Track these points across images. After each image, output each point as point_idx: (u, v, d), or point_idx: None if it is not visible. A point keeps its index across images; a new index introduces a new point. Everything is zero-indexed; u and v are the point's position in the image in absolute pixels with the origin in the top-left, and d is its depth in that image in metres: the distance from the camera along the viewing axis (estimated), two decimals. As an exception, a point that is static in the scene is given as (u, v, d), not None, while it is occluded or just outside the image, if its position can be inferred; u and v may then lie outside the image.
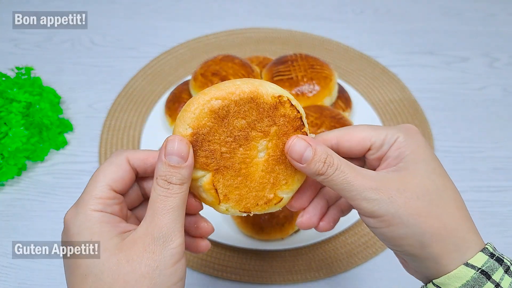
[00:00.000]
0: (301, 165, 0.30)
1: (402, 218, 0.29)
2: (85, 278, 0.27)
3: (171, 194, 0.28)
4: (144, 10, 0.98)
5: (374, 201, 0.29)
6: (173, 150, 0.28)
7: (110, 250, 0.27)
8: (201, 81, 0.64)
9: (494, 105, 0.78)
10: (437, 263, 0.29)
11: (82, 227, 0.28)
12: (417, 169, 0.30)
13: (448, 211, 0.30)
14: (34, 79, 0.73)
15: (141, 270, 0.26)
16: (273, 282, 0.54)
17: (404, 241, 0.29)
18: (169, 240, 0.27)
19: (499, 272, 0.29)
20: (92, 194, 0.29)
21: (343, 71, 0.83)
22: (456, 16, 0.98)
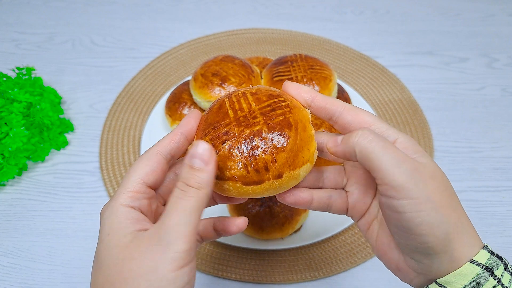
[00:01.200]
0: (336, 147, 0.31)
1: (434, 204, 0.27)
2: (99, 269, 0.28)
3: (185, 196, 0.27)
4: (144, 11, 0.98)
5: (412, 178, 0.27)
6: (196, 153, 0.28)
7: (120, 246, 0.27)
8: (201, 81, 0.64)
9: (493, 105, 0.78)
10: (452, 258, 0.29)
11: (106, 221, 0.29)
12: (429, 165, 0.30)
13: (460, 207, 0.30)
14: (35, 79, 0.73)
15: (140, 270, 0.26)
16: (273, 282, 0.55)
17: (431, 230, 0.27)
18: (174, 243, 0.26)
19: (501, 268, 0.29)
20: (125, 187, 0.30)
21: (343, 72, 0.83)
22: (455, 16, 0.98)
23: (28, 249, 0.57)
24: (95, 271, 0.28)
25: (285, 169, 0.31)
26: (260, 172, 0.30)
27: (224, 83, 0.62)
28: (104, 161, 0.67)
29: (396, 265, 0.32)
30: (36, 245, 0.58)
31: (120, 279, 0.26)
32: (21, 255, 0.56)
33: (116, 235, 0.28)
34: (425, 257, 0.29)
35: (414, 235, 0.28)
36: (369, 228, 0.35)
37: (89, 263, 0.56)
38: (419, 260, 0.30)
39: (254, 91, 0.34)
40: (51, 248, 0.57)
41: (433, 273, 0.30)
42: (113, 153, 0.69)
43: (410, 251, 0.30)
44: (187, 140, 0.34)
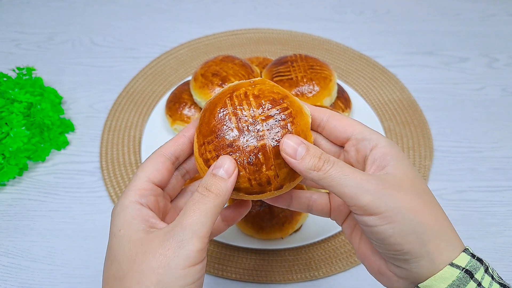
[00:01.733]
0: (295, 160, 0.30)
1: (403, 214, 0.28)
2: (111, 264, 0.29)
3: (205, 199, 0.29)
4: (144, 11, 0.98)
5: (374, 194, 0.28)
6: (221, 164, 0.30)
7: (133, 241, 0.28)
8: (201, 81, 0.64)
9: (493, 105, 0.78)
10: (432, 261, 0.29)
11: (117, 217, 0.30)
12: (406, 172, 0.31)
13: (436, 210, 0.30)
14: (35, 79, 0.73)
15: (152, 264, 0.27)
16: (273, 281, 0.55)
17: (404, 238, 0.28)
18: (188, 242, 0.27)
19: (481, 271, 0.29)
20: (133, 186, 0.31)
21: (343, 72, 0.83)
22: (455, 16, 0.98)
23: (28, 249, 0.57)
24: (107, 264, 0.29)
25: (286, 182, 0.33)
26: (263, 185, 0.32)
27: (224, 83, 0.62)
28: (104, 161, 0.67)
29: (378, 270, 0.33)
30: (36, 245, 0.58)
31: (131, 272, 0.27)
32: (21, 255, 0.57)
33: (128, 230, 0.29)
34: (403, 262, 0.30)
35: (388, 244, 0.29)
36: (353, 232, 0.36)
37: (89, 263, 0.56)
38: (399, 265, 0.31)
39: (256, 92, 0.33)
40: (51, 248, 0.57)
41: (414, 277, 0.30)
42: (113, 153, 0.69)
43: (389, 258, 0.31)
44: (190, 143, 0.35)
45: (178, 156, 0.35)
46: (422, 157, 0.69)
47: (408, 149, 0.70)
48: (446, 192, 0.65)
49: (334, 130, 0.34)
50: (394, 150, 0.32)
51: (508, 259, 0.57)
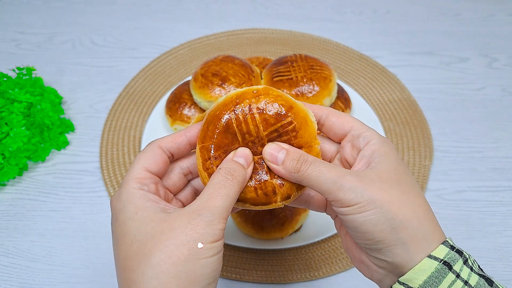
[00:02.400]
0: (277, 166, 0.33)
1: (376, 204, 0.30)
2: (131, 245, 0.29)
3: (229, 184, 0.31)
4: (144, 11, 0.98)
5: (350, 189, 0.30)
6: (242, 154, 0.33)
7: (156, 221, 0.29)
8: (201, 81, 0.64)
9: (493, 105, 0.78)
10: (406, 250, 0.30)
11: (126, 203, 0.31)
12: (389, 166, 0.32)
13: (417, 202, 0.31)
14: (35, 79, 0.73)
15: (182, 239, 0.28)
16: (273, 281, 0.55)
17: (376, 226, 0.30)
18: (216, 221, 0.29)
19: (459, 263, 0.30)
20: (131, 176, 0.32)
21: (343, 72, 0.83)
22: (455, 16, 0.98)
23: (28, 249, 0.57)
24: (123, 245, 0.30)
25: (292, 191, 0.34)
26: (269, 195, 0.34)
27: (224, 83, 0.62)
28: (104, 161, 0.67)
29: (360, 259, 0.34)
30: (36, 245, 0.58)
31: (159, 247, 0.28)
32: (21, 255, 0.57)
33: (147, 212, 0.30)
34: (378, 252, 0.31)
35: (362, 233, 0.31)
36: (342, 225, 0.37)
37: (89, 263, 0.56)
38: (375, 255, 0.32)
39: (261, 107, 0.33)
40: (51, 248, 0.57)
41: (392, 267, 0.31)
42: (113, 153, 0.69)
43: (366, 248, 0.32)
44: (189, 144, 0.36)
45: (173, 153, 0.35)
46: (422, 157, 0.69)
47: (408, 149, 0.70)
48: (446, 192, 0.65)
49: (333, 126, 0.36)
50: (383, 147, 0.33)
51: (508, 259, 0.57)
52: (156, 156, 0.34)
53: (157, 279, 0.27)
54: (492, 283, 0.30)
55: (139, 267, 0.28)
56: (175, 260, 0.28)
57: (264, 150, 0.33)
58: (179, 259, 0.28)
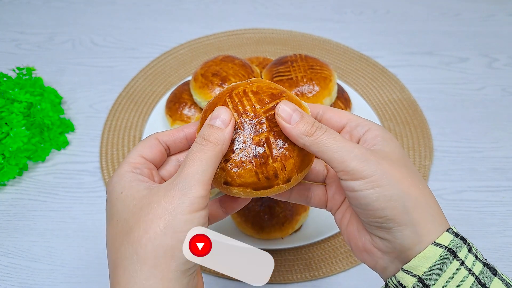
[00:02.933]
0: (289, 125, 0.31)
1: (389, 180, 0.29)
2: (116, 224, 0.29)
3: (203, 149, 0.30)
4: (144, 11, 0.98)
5: (364, 160, 0.30)
6: (217, 115, 0.31)
7: (137, 198, 0.29)
8: (201, 81, 0.64)
9: (493, 105, 0.78)
10: (415, 232, 0.29)
11: (115, 185, 0.31)
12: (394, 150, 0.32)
13: (424, 186, 0.31)
14: (35, 79, 0.73)
15: (158, 212, 0.28)
16: (273, 281, 0.55)
17: (389, 203, 0.29)
18: (191, 189, 0.28)
19: (464, 250, 0.29)
20: (125, 161, 0.32)
21: (343, 72, 0.83)
22: (455, 16, 0.98)
23: (28, 249, 0.57)
24: (111, 226, 0.30)
25: (293, 173, 0.33)
26: (270, 179, 0.32)
27: (224, 83, 0.62)
28: (104, 161, 0.67)
29: (363, 247, 0.34)
30: (36, 245, 0.58)
31: (138, 223, 0.28)
32: (21, 255, 0.57)
33: (131, 191, 0.30)
34: (387, 232, 0.31)
35: (373, 210, 0.30)
36: (343, 216, 0.36)
37: (89, 263, 0.56)
38: (383, 236, 0.31)
39: (255, 89, 0.34)
40: (51, 248, 0.57)
41: (398, 250, 0.31)
42: (114, 153, 0.69)
43: (374, 229, 0.32)
44: (186, 139, 0.36)
45: (170, 146, 0.35)
46: (422, 157, 0.69)
47: (408, 149, 0.70)
48: (446, 192, 0.65)
49: (330, 120, 0.35)
50: (384, 133, 0.33)
51: (508, 259, 0.57)
52: (152, 145, 0.34)
53: (136, 255, 0.27)
54: (496, 272, 0.29)
55: (122, 245, 0.28)
56: (152, 235, 0.27)
57: (278, 106, 0.32)
58: (155, 233, 0.27)
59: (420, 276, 0.29)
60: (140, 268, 0.27)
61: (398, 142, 0.34)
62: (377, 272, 0.34)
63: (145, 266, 0.27)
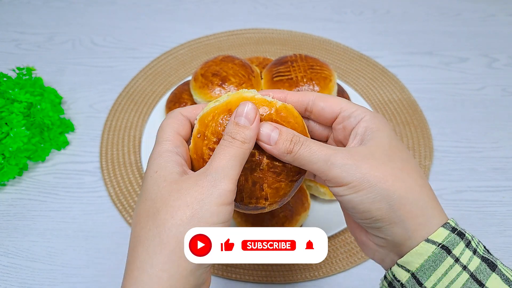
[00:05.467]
0: (269, 146, 0.32)
1: (370, 182, 0.29)
2: (145, 201, 0.30)
3: (232, 145, 0.30)
4: (144, 11, 0.98)
5: (341, 167, 0.30)
6: (242, 112, 0.31)
7: (168, 181, 0.30)
8: (201, 81, 0.64)
9: (493, 105, 0.78)
10: (405, 228, 0.29)
11: (153, 161, 0.31)
12: (382, 142, 0.32)
13: (412, 176, 0.31)
14: (35, 79, 0.73)
15: (187, 200, 0.28)
16: (273, 281, 0.55)
17: (373, 205, 0.29)
18: (221, 181, 0.29)
19: (460, 246, 0.29)
20: (163, 138, 0.33)
21: (343, 72, 0.83)
22: (455, 16, 0.98)
23: (28, 249, 0.57)
24: (140, 203, 0.30)
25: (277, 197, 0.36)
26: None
27: (224, 83, 0.62)
28: (104, 161, 0.67)
29: (361, 239, 0.34)
30: (36, 245, 0.58)
31: (165, 207, 0.28)
32: (21, 255, 0.57)
33: (164, 172, 0.30)
34: (378, 231, 0.31)
35: (359, 212, 0.30)
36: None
37: (89, 263, 0.56)
38: (375, 234, 0.32)
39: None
40: (51, 248, 0.57)
41: (391, 246, 0.31)
42: (114, 153, 0.69)
43: (365, 227, 0.32)
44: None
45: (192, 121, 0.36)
46: (422, 157, 0.69)
47: (408, 149, 0.70)
48: (446, 192, 0.65)
49: (322, 112, 0.35)
50: (375, 123, 0.33)
51: (508, 259, 0.57)
52: (182, 120, 0.34)
53: (159, 237, 0.28)
54: (495, 267, 0.29)
55: (147, 224, 0.28)
56: (177, 221, 0.28)
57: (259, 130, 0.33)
58: (181, 220, 0.28)
59: (413, 271, 0.29)
60: (160, 251, 0.27)
61: (390, 130, 0.33)
62: (376, 262, 0.34)
63: (165, 250, 0.27)
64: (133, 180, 0.65)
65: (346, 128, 0.34)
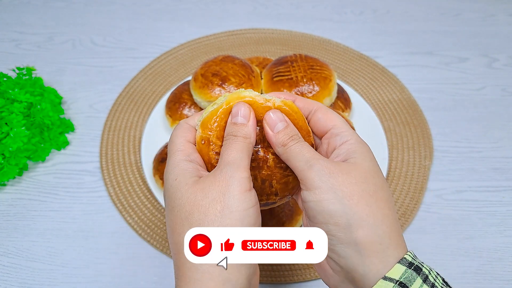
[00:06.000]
0: (271, 132, 0.34)
1: (336, 194, 0.30)
2: (173, 210, 0.31)
3: (236, 141, 0.32)
4: (144, 11, 0.98)
5: (317, 171, 0.31)
6: (238, 112, 0.33)
7: (189, 184, 0.31)
8: (201, 81, 0.64)
9: (493, 105, 0.78)
10: (359, 252, 0.29)
11: (171, 171, 0.33)
12: (362, 165, 0.32)
13: (379, 205, 0.31)
14: (35, 79, 0.73)
15: (213, 196, 0.30)
16: (273, 282, 0.55)
17: (332, 218, 0.30)
18: (236, 171, 0.30)
19: (417, 282, 0.29)
20: (175, 148, 0.34)
21: (343, 72, 0.83)
22: (455, 16, 0.98)
23: (28, 249, 0.57)
24: (169, 213, 0.32)
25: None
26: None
27: (224, 83, 0.62)
28: (104, 161, 0.67)
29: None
30: (36, 245, 0.58)
31: (196, 207, 0.30)
32: (21, 255, 0.57)
33: (183, 178, 0.32)
34: (332, 250, 0.31)
35: (318, 223, 0.31)
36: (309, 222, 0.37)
37: (89, 263, 0.56)
38: (330, 255, 0.31)
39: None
40: (51, 248, 0.57)
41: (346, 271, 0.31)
42: (113, 153, 0.69)
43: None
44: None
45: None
46: (422, 157, 0.69)
47: (408, 149, 0.70)
48: (446, 192, 0.65)
49: (318, 122, 0.36)
50: (360, 147, 0.34)
51: (508, 259, 0.57)
52: (189, 129, 0.36)
53: None
54: None
55: (183, 228, 0.30)
56: (212, 217, 0.29)
57: (267, 113, 0.34)
58: (215, 215, 0.29)
59: None
60: None
61: (374, 158, 0.34)
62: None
63: None
64: (133, 180, 0.65)
65: (330, 145, 0.35)
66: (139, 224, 0.60)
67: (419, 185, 0.65)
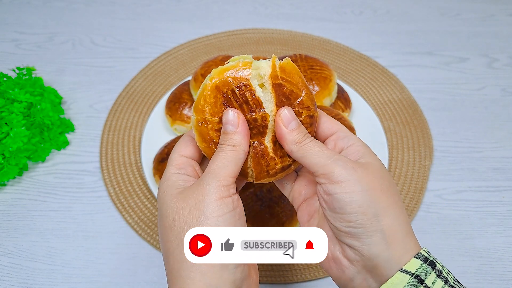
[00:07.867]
0: (285, 129, 0.34)
1: (362, 186, 0.31)
2: (161, 219, 0.34)
3: (222, 150, 0.34)
4: (144, 11, 0.98)
5: (342, 165, 0.32)
6: (227, 120, 0.34)
7: (174, 195, 0.33)
8: (201, 81, 0.64)
9: (493, 105, 0.78)
10: (384, 240, 0.31)
11: (161, 186, 0.35)
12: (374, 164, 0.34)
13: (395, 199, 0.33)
14: (35, 79, 0.73)
15: (191, 204, 0.32)
16: (273, 282, 0.55)
17: (360, 208, 0.31)
18: (212, 180, 0.32)
19: (432, 276, 0.30)
20: (171, 163, 0.37)
21: (343, 72, 0.83)
22: (455, 16, 0.98)
23: (28, 249, 0.57)
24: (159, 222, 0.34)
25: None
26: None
27: (224, 83, 0.62)
28: (104, 161, 0.67)
29: (332, 255, 0.35)
30: (36, 245, 0.58)
31: (177, 216, 0.32)
32: (21, 255, 0.57)
33: (170, 190, 0.34)
34: (356, 239, 0.32)
35: (345, 214, 0.32)
36: (309, 220, 0.37)
37: (89, 263, 0.56)
38: (352, 244, 0.32)
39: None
40: (51, 248, 0.57)
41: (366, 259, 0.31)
42: (113, 153, 0.69)
43: (344, 235, 0.33)
44: None
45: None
46: (422, 157, 0.69)
47: (408, 149, 0.70)
48: (446, 192, 0.65)
49: (323, 126, 0.37)
50: (368, 150, 0.35)
51: (508, 259, 0.57)
52: (188, 142, 0.38)
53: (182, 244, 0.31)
54: None
55: (169, 236, 0.32)
56: (190, 225, 0.31)
57: (281, 109, 0.34)
58: (192, 222, 0.31)
59: None
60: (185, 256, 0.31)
61: (378, 159, 0.36)
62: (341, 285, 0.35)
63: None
64: (133, 180, 0.65)
65: (337, 146, 0.36)
66: (139, 224, 0.60)
67: (419, 185, 0.65)
